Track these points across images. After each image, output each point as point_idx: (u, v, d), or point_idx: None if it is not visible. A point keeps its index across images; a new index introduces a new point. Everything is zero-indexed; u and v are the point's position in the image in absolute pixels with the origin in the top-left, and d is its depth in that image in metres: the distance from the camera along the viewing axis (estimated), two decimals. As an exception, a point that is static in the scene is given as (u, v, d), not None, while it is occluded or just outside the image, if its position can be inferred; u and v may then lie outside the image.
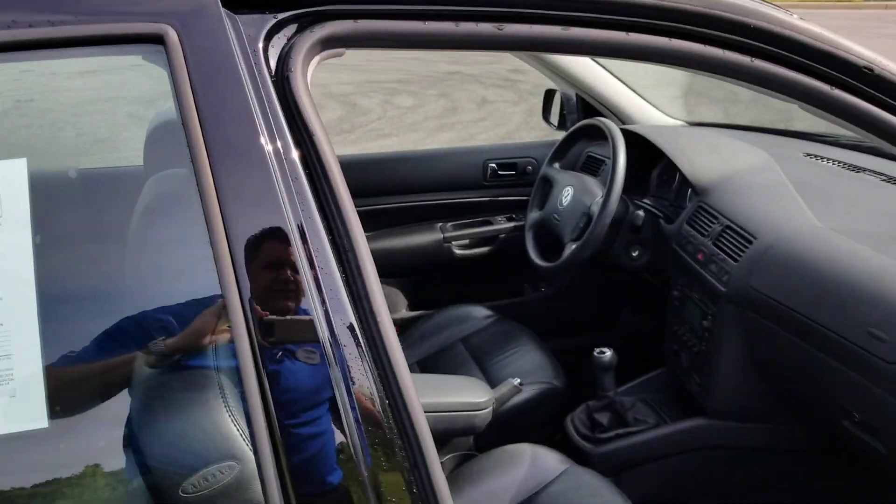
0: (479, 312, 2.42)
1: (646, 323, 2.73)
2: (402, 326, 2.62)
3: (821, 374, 1.57)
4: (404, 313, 2.70)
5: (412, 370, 2.30)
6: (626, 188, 2.22)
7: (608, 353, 1.97)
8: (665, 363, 2.18)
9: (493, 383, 2.05)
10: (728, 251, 1.84)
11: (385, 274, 2.58)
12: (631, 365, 2.41)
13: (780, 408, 1.87)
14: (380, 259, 3.19)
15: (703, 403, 1.96)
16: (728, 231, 1.87)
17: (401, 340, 2.66)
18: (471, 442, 1.99)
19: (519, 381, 1.96)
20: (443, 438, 1.88)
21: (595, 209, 2.13)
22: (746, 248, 1.78)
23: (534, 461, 1.67)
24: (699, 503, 2.03)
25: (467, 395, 1.81)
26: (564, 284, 2.75)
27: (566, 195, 2.32)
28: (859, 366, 1.44)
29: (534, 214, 2.48)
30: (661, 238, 2.17)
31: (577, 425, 2.05)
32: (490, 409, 1.80)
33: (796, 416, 1.88)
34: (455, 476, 1.69)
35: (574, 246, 2.17)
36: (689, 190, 2.10)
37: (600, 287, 2.76)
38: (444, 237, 2.66)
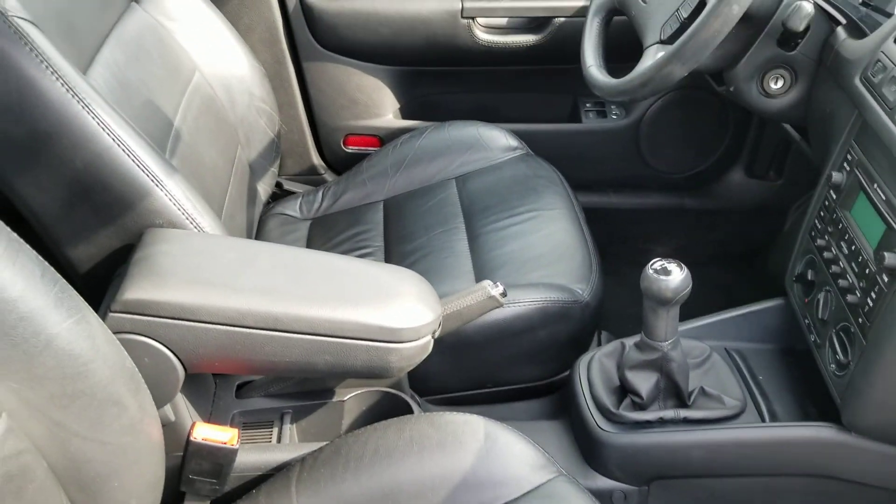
0: (498, 140, 1.58)
1: (770, 194, 1.71)
2: (381, 140, 1.71)
3: None
4: (390, 120, 1.76)
5: (368, 211, 1.45)
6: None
7: (677, 270, 1.00)
8: (786, 293, 1.20)
9: (478, 269, 1.32)
10: None
11: (363, 55, 1.62)
12: (724, 270, 1.54)
13: None
14: (360, 27, 1.69)
15: (840, 399, 1.01)
16: None
17: (370, 165, 1.67)
18: (401, 377, 1.14)
19: (502, 289, 1.03)
20: (333, 379, 1.05)
21: (716, -14, 1.07)
22: None
23: (488, 455, 0.89)
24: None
25: (382, 311, 0.94)
26: (649, 111, 1.73)
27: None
28: None
29: (607, -13, 1.43)
30: (837, 63, 1.12)
31: (592, 381, 1.14)
32: (425, 340, 0.94)
33: None
34: (347, 445, 0.93)
35: (660, 54, 1.14)
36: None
37: (706, 123, 1.74)
38: (463, 8, 1.64)
